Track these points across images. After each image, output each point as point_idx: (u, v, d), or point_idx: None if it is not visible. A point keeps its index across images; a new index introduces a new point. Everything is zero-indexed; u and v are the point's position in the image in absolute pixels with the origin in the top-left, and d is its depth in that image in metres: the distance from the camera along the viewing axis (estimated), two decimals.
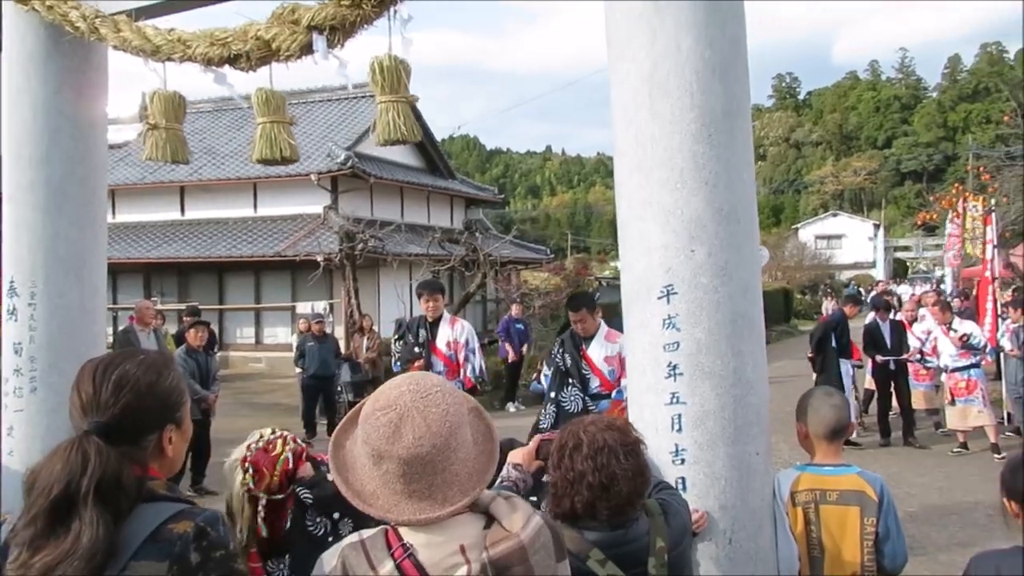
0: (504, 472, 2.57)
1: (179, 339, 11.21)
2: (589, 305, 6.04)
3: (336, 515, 2.45)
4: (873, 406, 11.24)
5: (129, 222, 22.04)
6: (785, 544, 3.00)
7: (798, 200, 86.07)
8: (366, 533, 1.67)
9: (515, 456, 2.63)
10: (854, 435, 10.51)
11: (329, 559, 1.67)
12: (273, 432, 2.70)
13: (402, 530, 1.63)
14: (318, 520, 2.54)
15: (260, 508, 2.57)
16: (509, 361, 15.30)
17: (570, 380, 5.84)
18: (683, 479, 2.91)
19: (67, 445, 1.58)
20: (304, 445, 2.81)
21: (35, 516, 1.52)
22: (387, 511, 1.62)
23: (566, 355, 5.95)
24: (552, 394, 5.94)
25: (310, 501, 2.57)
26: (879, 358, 10.80)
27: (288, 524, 2.57)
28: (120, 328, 10.46)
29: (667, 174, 2.98)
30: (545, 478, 2.69)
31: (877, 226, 60.71)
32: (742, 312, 2.97)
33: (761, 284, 3.17)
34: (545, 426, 5.75)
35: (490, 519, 1.64)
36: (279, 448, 2.64)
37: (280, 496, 2.59)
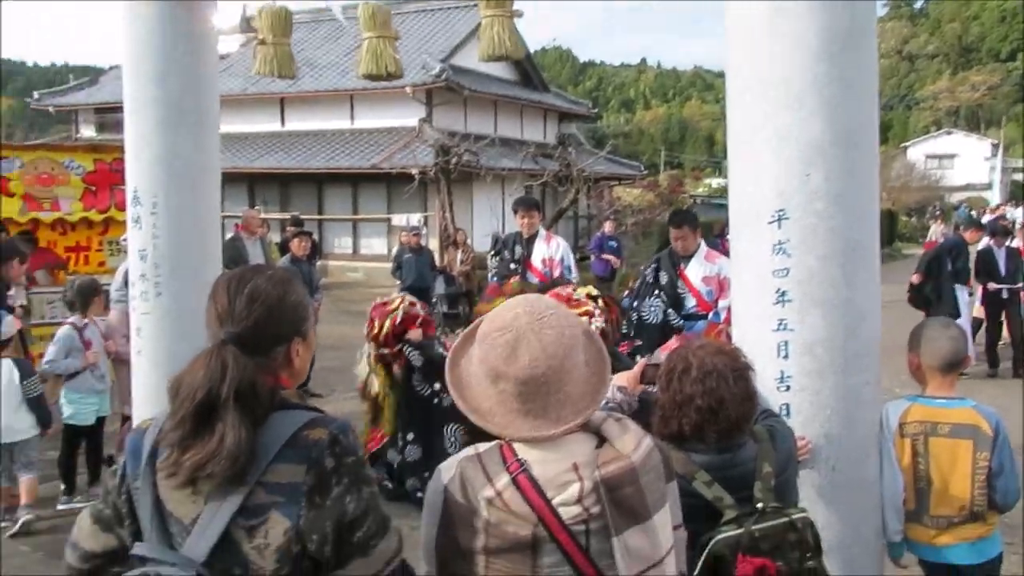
0: (609, 394, 2.60)
1: (283, 248, 11.61)
2: (691, 223, 5.96)
3: (437, 385, 2.55)
4: (981, 335, 10.81)
5: (232, 132, 22.55)
6: (890, 475, 2.97)
7: (908, 117, 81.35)
8: (482, 447, 1.73)
9: (620, 379, 2.67)
10: None
11: (447, 470, 1.73)
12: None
13: (516, 446, 1.68)
14: (423, 383, 2.67)
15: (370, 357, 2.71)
16: (601, 278, 15.27)
17: (656, 292, 5.84)
18: (787, 406, 2.90)
19: (207, 353, 1.64)
20: (422, 313, 2.92)
21: (182, 419, 1.60)
22: (503, 428, 1.67)
23: (661, 272, 5.92)
24: (634, 303, 5.98)
25: (417, 363, 2.70)
26: (991, 286, 10.32)
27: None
28: (228, 236, 10.89)
29: (784, 95, 2.87)
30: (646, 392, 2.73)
31: (995, 145, 56.94)
32: (857, 241, 2.89)
33: (878, 209, 3.06)
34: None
35: (601, 439, 1.68)
36: (395, 304, 2.75)
37: (386, 350, 2.71)
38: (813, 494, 2.87)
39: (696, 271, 5.82)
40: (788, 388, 2.91)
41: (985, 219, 19.78)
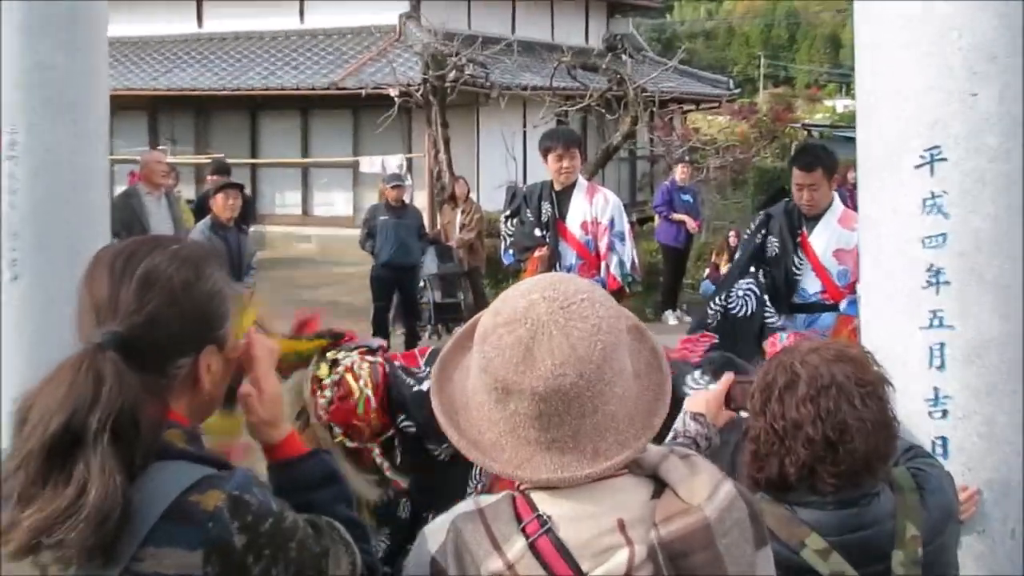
0: (679, 424, 2.62)
1: (200, 207, 11.65)
2: (828, 165, 5.84)
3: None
4: None
5: (126, 37, 22.68)
6: None
7: None
8: (486, 499, 1.74)
9: (695, 403, 2.68)
10: None
11: (435, 534, 1.75)
12: (329, 366, 2.83)
13: (536, 496, 1.69)
14: (437, 443, 2.72)
15: (377, 456, 2.76)
16: (671, 249, 15.27)
17: (755, 269, 5.78)
18: (944, 440, 2.91)
19: (74, 362, 1.60)
20: (379, 360, 2.93)
21: (27, 457, 1.55)
22: (516, 467, 1.68)
23: (770, 237, 5.85)
24: (723, 294, 5.91)
25: (414, 428, 2.75)
26: None
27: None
28: (119, 191, 10.96)
29: None
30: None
31: None
32: None
33: None
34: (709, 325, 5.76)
35: (660, 485, 1.69)
36: (355, 389, 2.77)
37: (389, 434, 2.75)
38: (979, 567, 2.89)
39: (824, 239, 5.75)
40: (945, 414, 2.92)
41: None
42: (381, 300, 12.39)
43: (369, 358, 2.96)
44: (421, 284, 13.17)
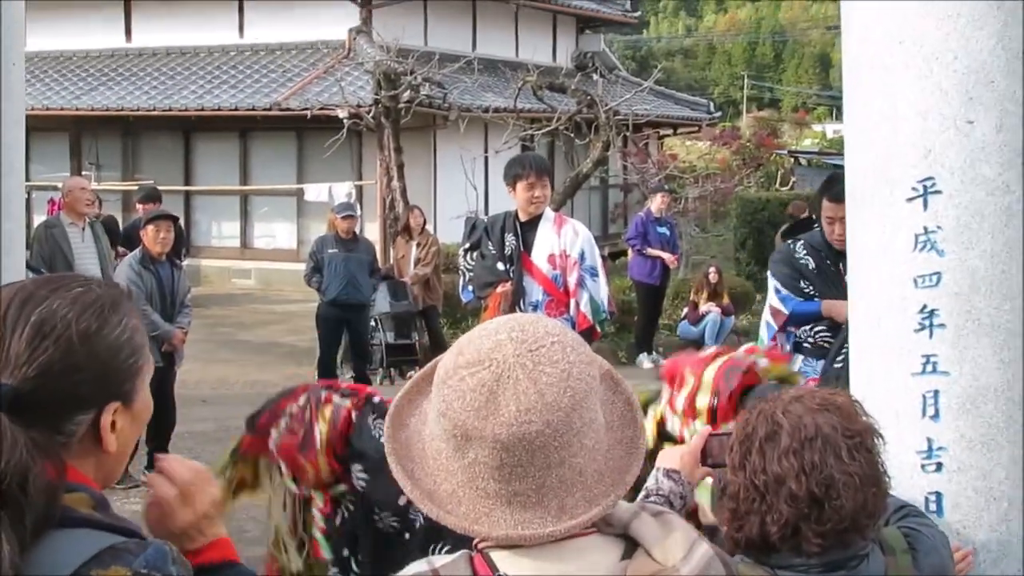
0: (651, 482, 2.64)
1: (128, 238, 11.58)
2: None
3: (402, 501, 2.57)
4: None
5: (46, 52, 22.63)
6: None
7: None
8: (440, 560, 1.75)
9: (670, 458, 2.69)
10: None
11: None
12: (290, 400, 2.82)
13: (496, 555, 1.70)
14: (384, 509, 2.70)
15: (319, 510, 2.75)
16: (646, 286, 15.32)
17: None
18: (937, 495, 2.92)
19: None
20: (348, 404, 2.93)
21: None
22: (474, 521, 1.69)
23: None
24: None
25: (364, 484, 2.73)
26: None
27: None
28: (39, 221, 10.88)
29: None
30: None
31: None
32: None
33: None
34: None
35: (632, 545, 1.71)
36: (306, 427, 2.76)
37: (342, 487, 2.73)
38: None
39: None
40: (939, 467, 2.93)
41: None
42: (328, 341, 12.35)
43: (338, 398, 2.95)
44: (372, 324, 13.15)
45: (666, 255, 15.19)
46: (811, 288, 5.82)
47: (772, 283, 6.11)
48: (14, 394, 1.61)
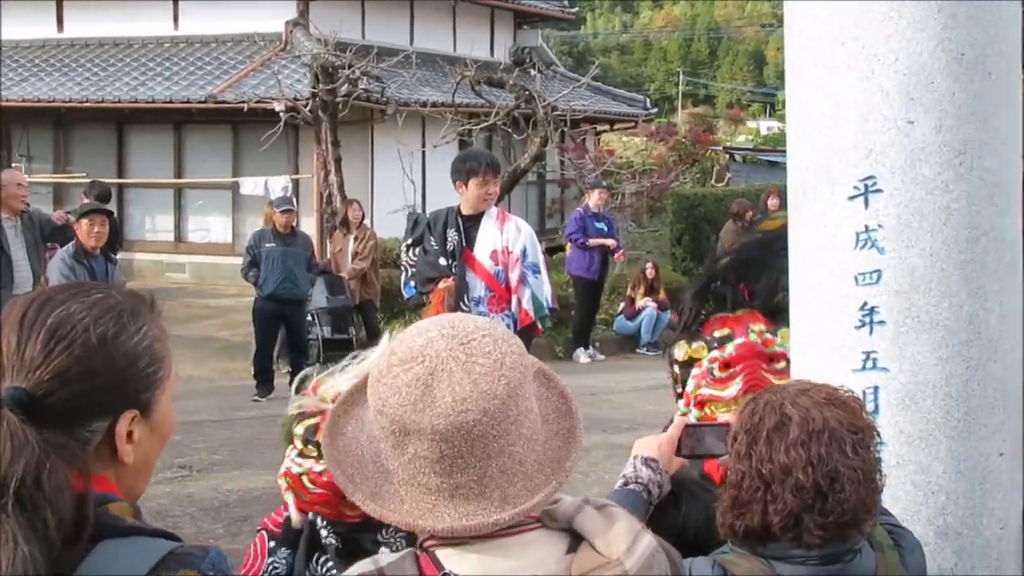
0: (629, 469, 2.64)
1: (60, 233, 11.45)
2: None
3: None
4: None
5: None
6: None
7: None
8: (385, 559, 1.77)
9: (647, 447, 2.69)
10: None
11: None
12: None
13: (441, 553, 1.72)
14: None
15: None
16: (584, 281, 15.35)
17: None
18: (879, 488, 2.94)
19: None
20: None
21: None
22: (418, 517, 1.71)
23: None
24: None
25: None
26: None
27: None
28: None
29: None
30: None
31: None
32: (988, 225, 2.96)
33: (1021, 175, 3.15)
34: None
35: (576, 538, 1.73)
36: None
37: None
38: None
39: None
40: (880, 461, 2.95)
41: None
42: (265, 336, 12.29)
43: None
44: (309, 318, 13.08)
45: (610, 242, 15.29)
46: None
47: None
48: (28, 397, 1.60)
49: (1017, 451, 3.10)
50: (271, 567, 2.73)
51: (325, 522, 2.71)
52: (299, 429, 2.70)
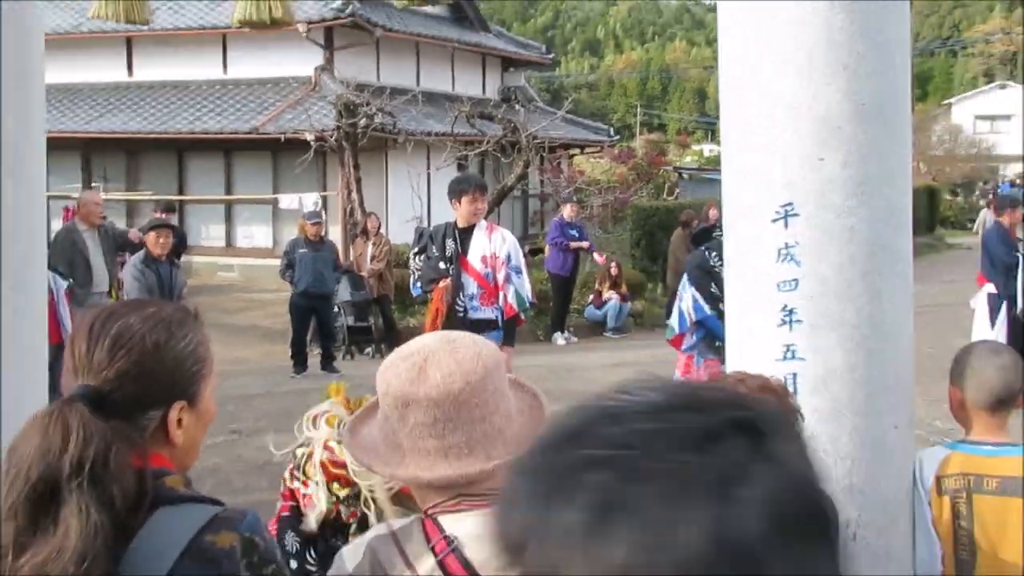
0: None
1: (132, 244, 11.47)
2: None
3: None
4: None
5: (60, 84, 22.14)
6: (925, 542, 3.07)
7: (952, 65, 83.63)
8: (397, 523, 1.77)
9: None
10: None
11: (352, 555, 1.76)
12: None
13: (443, 519, 1.73)
14: None
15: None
16: (559, 277, 15.35)
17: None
18: None
19: (45, 414, 1.61)
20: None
21: (12, 507, 1.54)
22: (420, 472, 1.75)
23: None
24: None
25: None
26: None
27: None
28: (56, 227, 10.71)
29: (791, 53, 2.96)
30: None
31: None
32: (884, 242, 2.99)
33: (910, 202, 3.17)
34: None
35: None
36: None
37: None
38: None
39: None
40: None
41: None
42: (299, 324, 12.31)
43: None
44: (336, 310, 13.11)
45: (585, 244, 15.56)
46: (718, 290, 5.91)
47: (690, 288, 6.21)
48: (97, 394, 1.66)
49: (909, 424, 3.16)
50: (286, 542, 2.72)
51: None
52: (299, 451, 2.73)
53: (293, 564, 2.62)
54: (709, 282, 6.04)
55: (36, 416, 1.63)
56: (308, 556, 2.68)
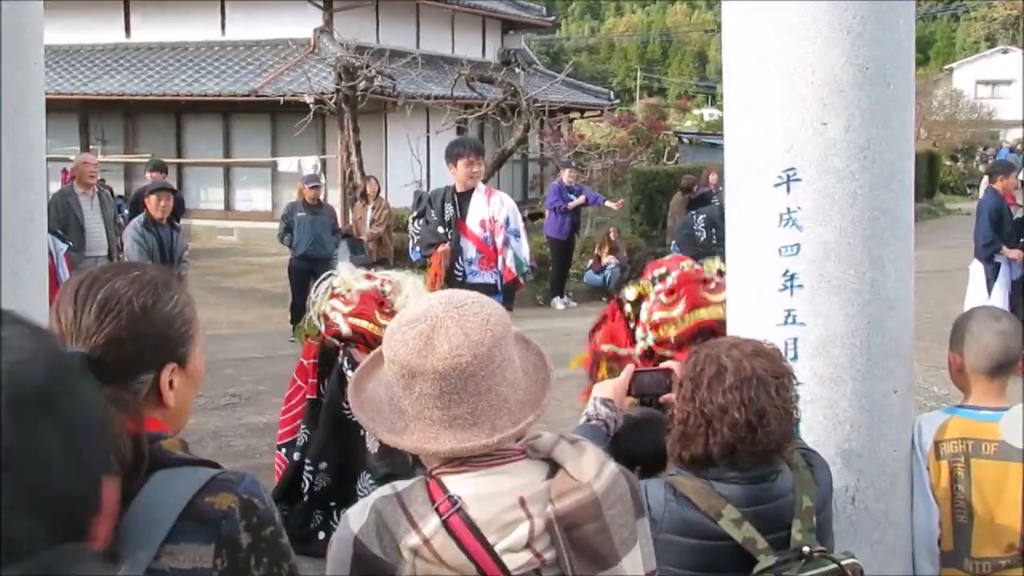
0: (590, 408, 2.69)
1: (134, 205, 11.45)
2: None
3: None
4: None
5: (58, 45, 22.02)
6: (923, 506, 3.10)
7: (954, 29, 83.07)
8: (402, 484, 1.79)
9: (603, 390, 2.75)
10: None
11: (357, 516, 1.77)
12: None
13: (447, 480, 1.74)
14: None
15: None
16: (557, 241, 15.33)
17: None
18: (796, 421, 2.97)
19: None
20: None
21: None
22: (424, 442, 1.75)
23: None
24: None
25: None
26: None
27: None
28: (54, 189, 10.68)
29: (795, 18, 2.95)
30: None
31: None
32: (887, 207, 2.99)
33: (913, 167, 3.17)
34: None
35: (554, 466, 1.75)
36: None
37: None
38: None
39: None
40: (796, 398, 2.98)
41: None
42: (298, 288, 12.24)
43: None
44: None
45: (581, 199, 15.51)
46: (697, 255, 5.93)
47: (674, 249, 6.25)
48: (88, 360, 1.62)
49: (908, 389, 3.17)
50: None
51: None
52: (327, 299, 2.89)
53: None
54: (692, 247, 6.09)
55: None
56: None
